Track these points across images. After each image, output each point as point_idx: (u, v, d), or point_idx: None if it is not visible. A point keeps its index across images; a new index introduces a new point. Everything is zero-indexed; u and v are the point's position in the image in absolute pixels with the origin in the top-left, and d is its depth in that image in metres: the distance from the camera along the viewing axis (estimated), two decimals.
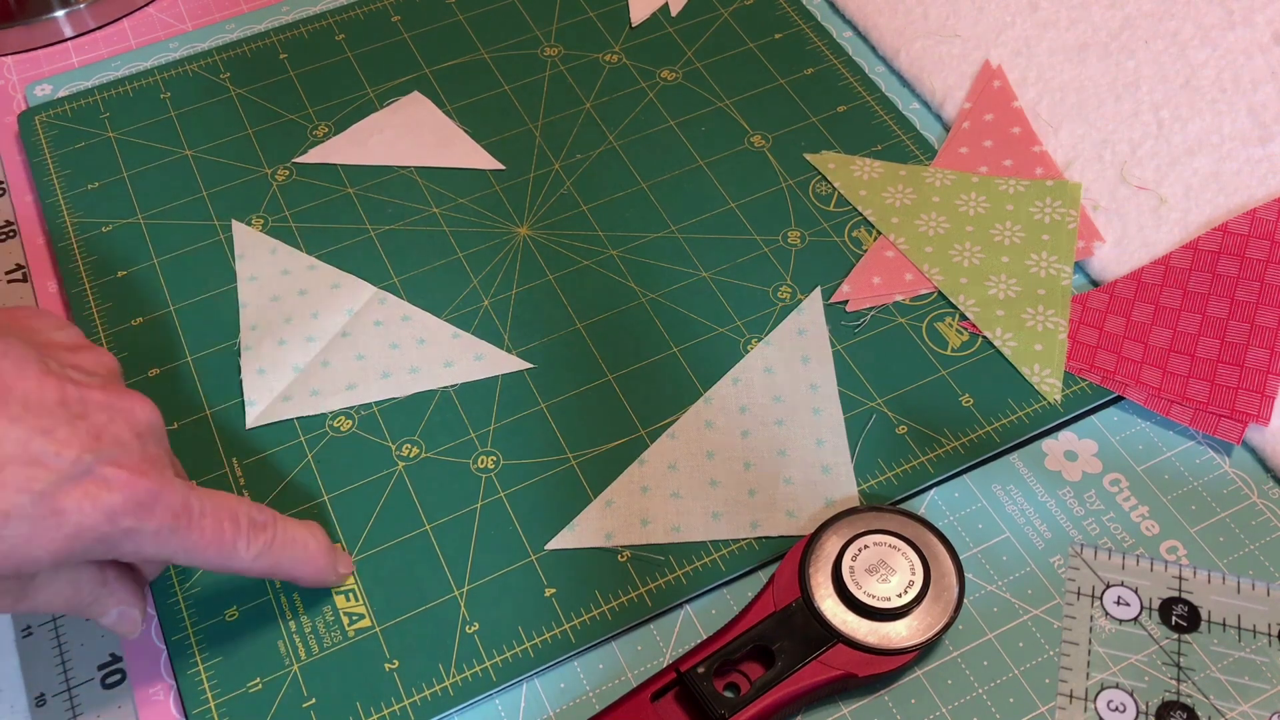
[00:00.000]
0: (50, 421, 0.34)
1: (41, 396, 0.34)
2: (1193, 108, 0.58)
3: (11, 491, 0.33)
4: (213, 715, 0.43)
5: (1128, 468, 0.48)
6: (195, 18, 0.67)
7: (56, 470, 0.34)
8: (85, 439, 0.35)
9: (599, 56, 0.64)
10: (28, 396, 0.34)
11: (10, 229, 0.59)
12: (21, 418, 0.34)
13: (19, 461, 0.33)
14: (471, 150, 0.60)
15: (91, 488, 0.35)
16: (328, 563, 0.44)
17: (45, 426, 0.34)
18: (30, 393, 0.34)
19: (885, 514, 0.45)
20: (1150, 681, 0.43)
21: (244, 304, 0.54)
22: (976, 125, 0.59)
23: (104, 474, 0.35)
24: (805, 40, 0.64)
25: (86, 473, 0.35)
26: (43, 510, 0.34)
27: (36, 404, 0.34)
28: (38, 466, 0.34)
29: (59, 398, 0.35)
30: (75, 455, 0.34)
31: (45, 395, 0.35)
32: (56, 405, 0.35)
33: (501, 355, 0.52)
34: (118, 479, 0.35)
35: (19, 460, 0.33)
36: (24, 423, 0.34)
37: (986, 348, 0.52)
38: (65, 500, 0.34)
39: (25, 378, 0.34)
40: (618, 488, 0.48)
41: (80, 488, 0.34)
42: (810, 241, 0.56)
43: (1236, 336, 0.50)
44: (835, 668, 0.41)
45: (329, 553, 0.44)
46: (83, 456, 0.34)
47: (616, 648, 0.45)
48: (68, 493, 0.34)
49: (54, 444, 0.34)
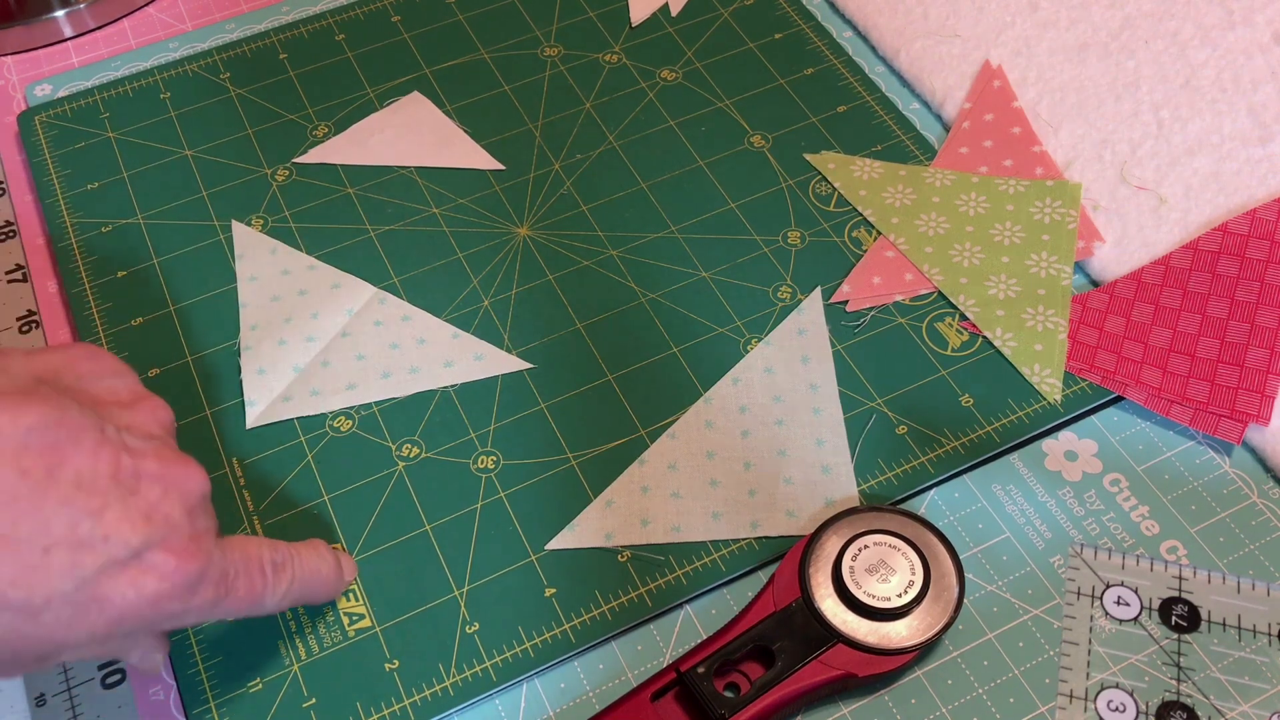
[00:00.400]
0: (101, 501, 0.33)
1: (95, 472, 0.33)
2: (1193, 108, 0.58)
3: (55, 577, 0.32)
4: (213, 715, 0.43)
5: (1128, 468, 0.48)
6: (195, 18, 0.67)
7: (104, 554, 0.32)
8: (136, 520, 0.33)
9: (599, 56, 0.64)
10: (80, 473, 0.32)
11: (10, 229, 0.59)
12: (72, 498, 0.32)
13: (66, 545, 0.32)
14: (471, 150, 0.60)
15: (137, 574, 0.33)
16: (338, 582, 0.43)
17: (96, 506, 0.32)
18: (84, 468, 0.33)
19: (885, 514, 0.45)
20: (1150, 681, 0.43)
21: (244, 304, 0.54)
22: (976, 125, 0.59)
23: (152, 559, 0.34)
24: (805, 40, 0.64)
25: (134, 557, 0.33)
26: (85, 596, 0.32)
27: (89, 481, 0.33)
28: (85, 551, 0.32)
29: (112, 472, 0.33)
30: (124, 539, 0.33)
31: (99, 470, 0.33)
32: (109, 481, 0.33)
33: (501, 355, 0.52)
34: (165, 565, 0.34)
35: (66, 544, 0.32)
36: (74, 503, 0.32)
37: (986, 348, 0.52)
38: (110, 586, 0.33)
39: (80, 450, 0.33)
40: (618, 488, 0.48)
41: (126, 574, 0.33)
42: (810, 241, 0.56)
43: (1236, 336, 0.50)
44: (835, 668, 0.41)
45: (339, 572, 0.43)
46: (131, 540, 0.33)
47: (616, 648, 0.45)
48: (113, 578, 0.33)
49: (103, 526, 0.32)
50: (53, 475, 0.32)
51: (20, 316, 0.55)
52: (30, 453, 0.32)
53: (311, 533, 0.47)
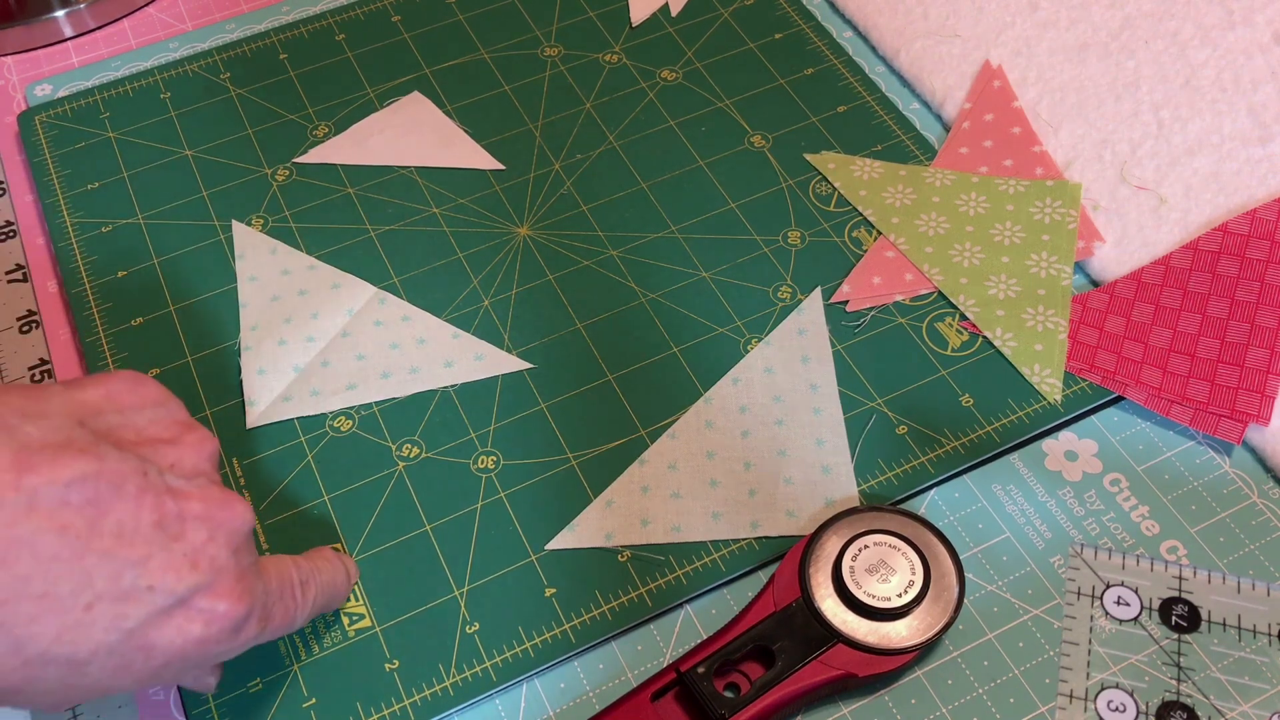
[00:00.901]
0: (145, 550, 0.32)
1: (138, 520, 0.32)
2: (1193, 108, 0.58)
3: (99, 631, 0.31)
4: (213, 715, 0.43)
5: (1128, 468, 0.48)
6: (195, 18, 0.67)
7: (149, 605, 0.32)
8: (181, 567, 0.33)
9: (599, 56, 0.64)
10: (123, 523, 0.32)
11: (10, 229, 0.59)
12: (114, 550, 0.31)
13: (109, 598, 0.31)
14: (471, 150, 0.60)
15: (184, 621, 0.33)
16: (348, 590, 0.44)
17: (139, 556, 0.32)
18: (126, 518, 0.32)
19: (885, 514, 0.45)
20: (1150, 681, 0.43)
21: (244, 304, 0.54)
22: (976, 125, 0.59)
23: (199, 605, 0.33)
24: (805, 40, 0.64)
25: (181, 604, 0.33)
26: (131, 646, 0.32)
27: (131, 531, 0.32)
28: (128, 602, 0.32)
29: (156, 519, 0.32)
30: (169, 587, 0.32)
31: (141, 518, 0.32)
32: (152, 529, 0.32)
33: (501, 355, 0.52)
34: (213, 610, 0.33)
35: (109, 597, 0.31)
36: (117, 554, 0.31)
37: (986, 348, 0.52)
38: (156, 635, 0.32)
39: (122, 499, 0.32)
40: (618, 488, 0.48)
41: (173, 622, 0.33)
42: (810, 241, 0.56)
43: (1236, 336, 0.50)
44: (835, 668, 0.41)
45: (348, 581, 0.43)
46: (177, 588, 0.32)
47: (616, 648, 0.45)
48: (160, 628, 0.32)
49: (147, 576, 0.32)
50: (94, 528, 0.31)
51: (20, 316, 0.55)
52: (70, 509, 0.31)
53: (311, 532, 0.47)
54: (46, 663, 0.31)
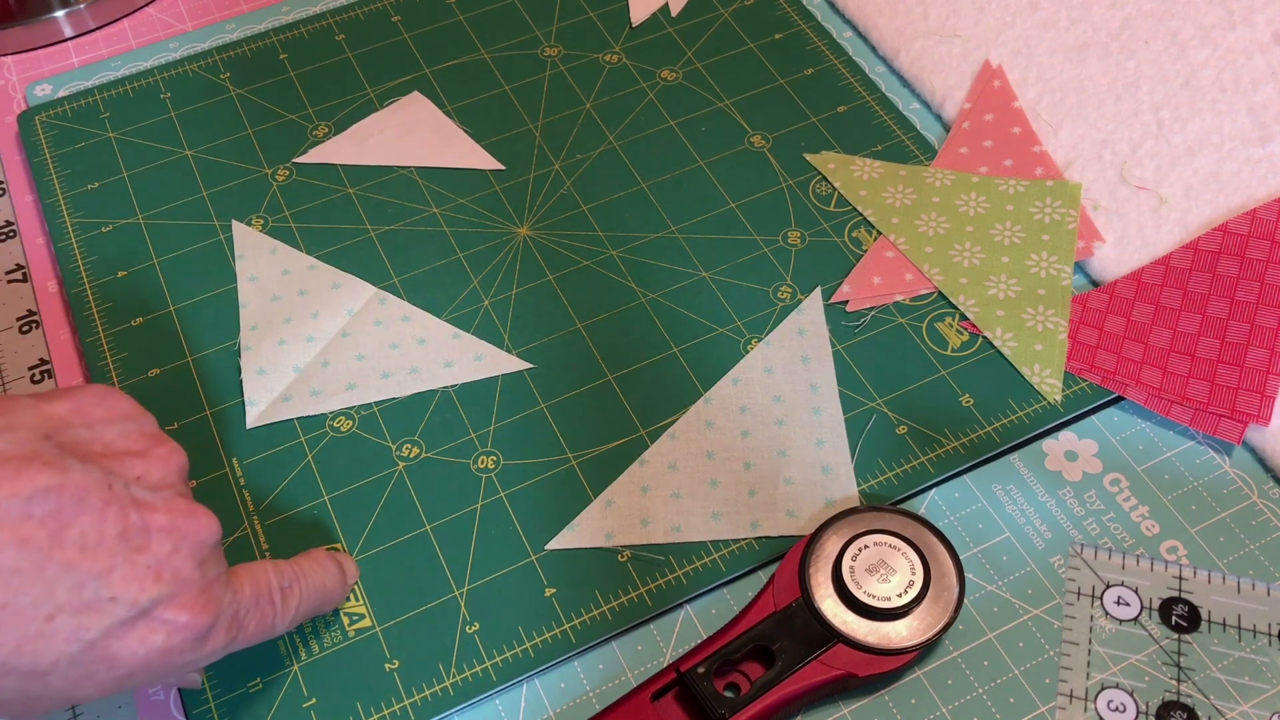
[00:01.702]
0: (108, 562, 0.32)
1: (101, 532, 0.32)
2: (1193, 108, 0.58)
3: (60, 642, 0.31)
4: (213, 715, 0.43)
5: (1128, 468, 0.48)
6: (195, 18, 0.67)
7: (110, 615, 0.32)
8: (145, 579, 0.33)
9: (599, 56, 0.64)
10: (86, 535, 0.32)
11: (10, 229, 0.59)
12: (76, 561, 0.32)
13: (71, 609, 0.31)
14: (471, 150, 0.60)
15: (146, 632, 0.33)
16: (343, 590, 0.43)
17: (102, 568, 0.32)
18: (89, 530, 0.32)
19: (885, 514, 0.45)
20: (1150, 681, 0.43)
21: (244, 304, 0.54)
22: (976, 125, 0.59)
23: (161, 616, 0.33)
24: (805, 40, 0.64)
25: (143, 615, 0.33)
26: (93, 656, 0.32)
27: (95, 543, 0.32)
28: (90, 613, 0.32)
29: (119, 531, 0.33)
30: (132, 598, 0.32)
31: (105, 530, 0.32)
32: (116, 540, 0.32)
33: (501, 355, 0.52)
34: (175, 620, 0.33)
35: (71, 608, 0.31)
36: (79, 566, 0.32)
37: (986, 348, 0.52)
38: (118, 646, 0.32)
39: (86, 511, 0.32)
40: (618, 488, 0.48)
41: (135, 632, 0.33)
42: (810, 241, 0.56)
43: (1236, 336, 0.50)
44: (835, 668, 0.41)
45: (342, 580, 0.43)
46: (139, 599, 0.33)
47: (616, 648, 0.45)
48: (122, 638, 0.32)
49: (109, 587, 0.32)
50: (56, 540, 0.31)
51: (20, 317, 0.55)
52: (32, 521, 0.31)
53: (311, 532, 0.47)
54: (6, 673, 0.31)
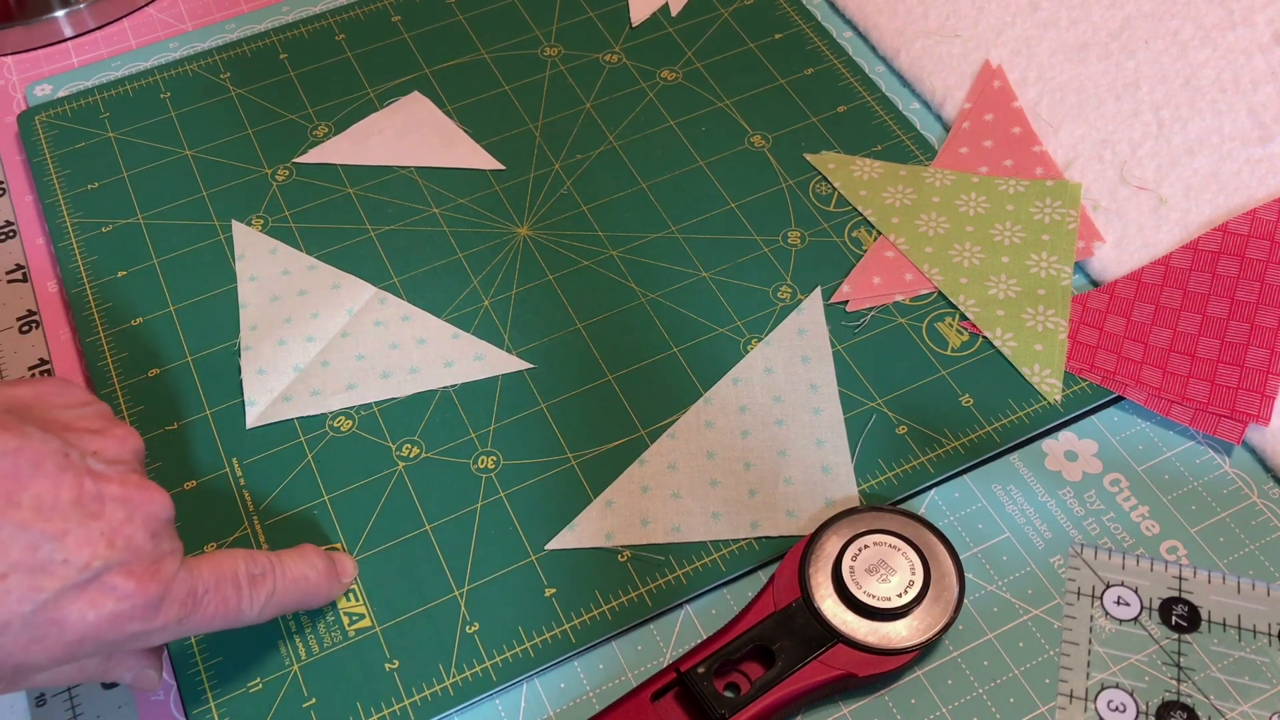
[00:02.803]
0: (62, 524, 0.33)
1: (56, 496, 0.33)
2: (1193, 108, 0.58)
3: (13, 601, 0.32)
4: (213, 715, 0.43)
5: (1128, 468, 0.48)
6: (195, 18, 0.67)
7: (63, 578, 0.33)
8: (97, 543, 0.33)
9: (599, 56, 0.64)
10: (40, 497, 0.33)
11: (10, 229, 0.59)
12: (31, 522, 0.32)
13: (24, 569, 0.32)
14: (471, 150, 0.60)
15: (97, 596, 0.33)
16: (330, 588, 0.43)
17: (56, 531, 0.33)
18: (44, 493, 0.33)
19: (885, 514, 0.45)
20: (1150, 681, 0.43)
21: (244, 304, 0.54)
22: (976, 125, 0.59)
23: (112, 581, 0.34)
24: (805, 40, 0.64)
25: (94, 580, 0.33)
26: (44, 618, 0.33)
27: (50, 505, 0.33)
28: (43, 574, 0.32)
29: (74, 496, 0.33)
30: (84, 561, 0.33)
31: (60, 494, 0.33)
32: (71, 505, 0.33)
33: (501, 355, 0.52)
34: (125, 587, 0.34)
35: (24, 568, 0.32)
36: (34, 527, 0.32)
37: (986, 348, 0.52)
38: (69, 609, 0.33)
39: (41, 475, 0.33)
40: (618, 488, 0.48)
41: (86, 595, 0.33)
42: (810, 241, 0.56)
43: (1236, 336, 0.50)
44: (835, 668, 0.41)
45: (330, 578, 0.43)
46: (92, 563, 0.33)
47: (616, 648, 0.45)
48: (72, 601, 0.33)
49: (63, 550, 0.33)
50: (12, 500, 0.32)
51: (20, 316, 0.55)
52: None
53: (311, 532, 0.47)
54: None
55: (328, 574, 0.43)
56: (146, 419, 0.51)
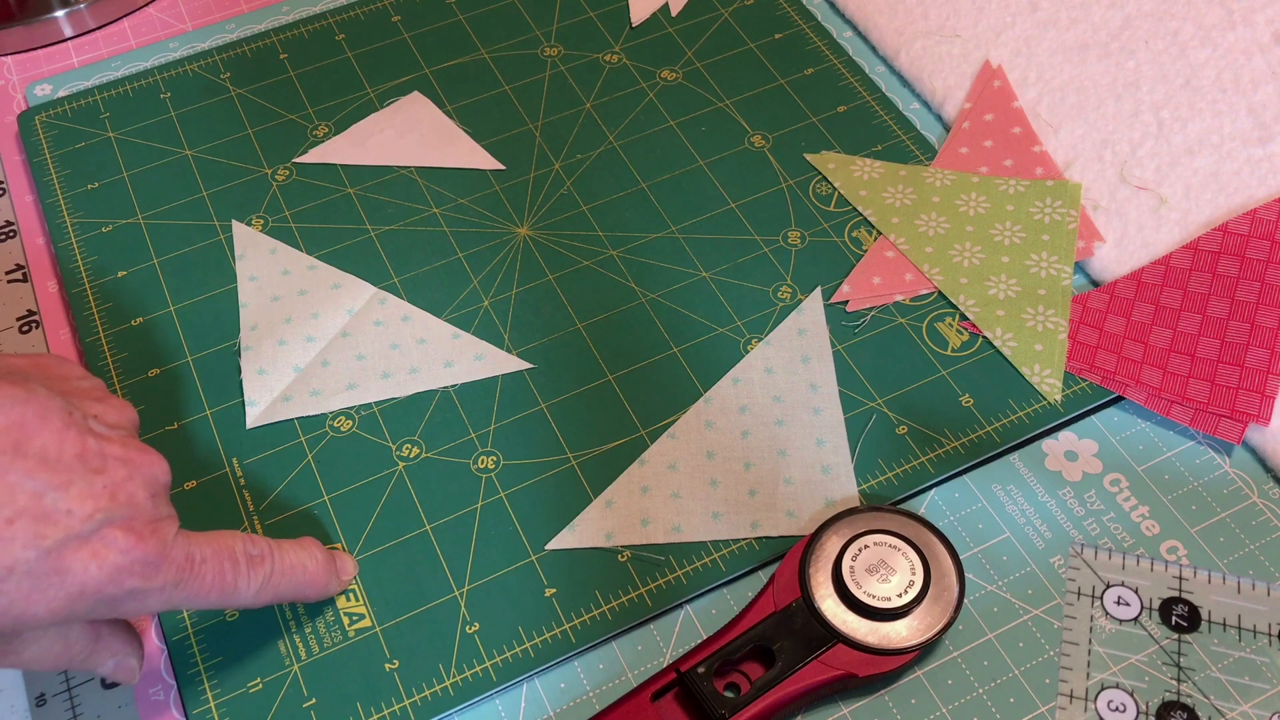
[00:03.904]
0: (66, 476, 0.34)
1: (61, 449, 0.34)
2: (1193, 108, 0.58)
3: (18, 546, 0.33)
4: (213, 715, 0.43)
5: (1128, 468, 0.48)
6: (195, 18, 0.67)
7: (66, 527, 0.33)
8: (100, 497, 0.34)
9: (599, 56, 0.64)
10: (46, 448, 0.34)
11: (10, 229, 0.59)
12: (37, 471, 0.33)
13: (29, 516, 0.33)
14: (471, 150, 0.60)
15: (99, 547, 0.34)
16: (328, 580, 0.43)
17: (60, 481, 0.34)
18: (50, 444, 0.34)
19: (885, 514, 0.45)
20: (1150, 681, 0.43)
21: (244, 304, 0.54)
22: (977, 125, 0.59)
23: (113, 535, 0.34)
24: (805, 40, 0.64)
25: (96, 532, 0.34)
26: (47, 567, 0.33)
27: (55, 457, 0.34)
28: (48, 522, 0.33)
29: (78, 451, 0.34)
30: (87, 513, 0.34)
31: (65, 448, 0.34)
32: (75, 459, 0.34)
33: (501, 355, 0.52)
34: (125, 541, 0.35)
35: (30, 514, 0.33)
36: (39, 476, 0.33)
37: (986, 348, 0.52)
38: (71, 558, 0.34)
39: (48, 428, 0.34)
40: (618, 488, 0.48)
41: (88, 546, 0.34)
42: (810, 241, 0.56)
43: (1236, 336, 0.50)
44: (835, 668, 0.41)
45: (328, 570, 0.44)
46: (94, 515, 0.34)
47: (617, 648, 0.45)
48: (74, 551, 0.34)
49: (67, 500, 0.34)
50: (19, 449, 0.33)
51: (20, 316, 0.55)
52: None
53: (311, 532, 0.47)
54: None
55: (326, 566, 0.43)
56: (147, 419, 0.51)
